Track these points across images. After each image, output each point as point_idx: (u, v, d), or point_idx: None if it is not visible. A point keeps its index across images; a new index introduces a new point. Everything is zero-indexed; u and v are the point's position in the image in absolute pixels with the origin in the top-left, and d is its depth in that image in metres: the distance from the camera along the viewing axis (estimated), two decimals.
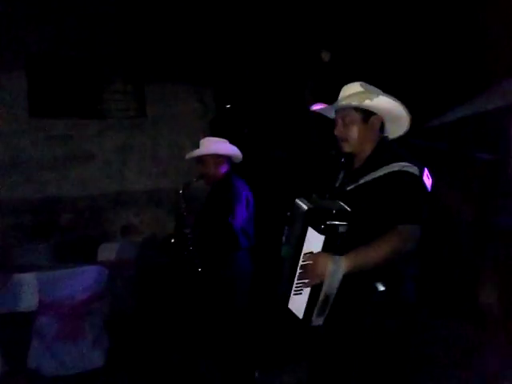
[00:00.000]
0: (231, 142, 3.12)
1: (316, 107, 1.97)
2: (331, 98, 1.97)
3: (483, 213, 4.04)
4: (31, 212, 5.40)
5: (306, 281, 1.68)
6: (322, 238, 1.63)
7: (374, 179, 1.75)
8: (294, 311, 1.77)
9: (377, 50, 4.10)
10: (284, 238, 1.90)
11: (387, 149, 1.85)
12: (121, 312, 4.33)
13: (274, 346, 3.56)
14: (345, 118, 1.86)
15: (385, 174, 1.72)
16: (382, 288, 1.71)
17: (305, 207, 1.72)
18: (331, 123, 1.98)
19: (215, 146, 2.98)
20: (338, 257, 1.62)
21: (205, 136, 3.37)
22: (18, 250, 4.57)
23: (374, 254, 1.62)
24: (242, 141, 4.32)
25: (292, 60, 4.70)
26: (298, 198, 1.82)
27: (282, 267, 1.87)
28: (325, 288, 1.62)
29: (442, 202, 3.93)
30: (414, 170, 1.72)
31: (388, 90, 1.91)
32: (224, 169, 2.95)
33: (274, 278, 1.93)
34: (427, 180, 1.77)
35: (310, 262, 1.66)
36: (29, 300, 3.60)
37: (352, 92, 1.86)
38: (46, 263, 4.38)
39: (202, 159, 2.95)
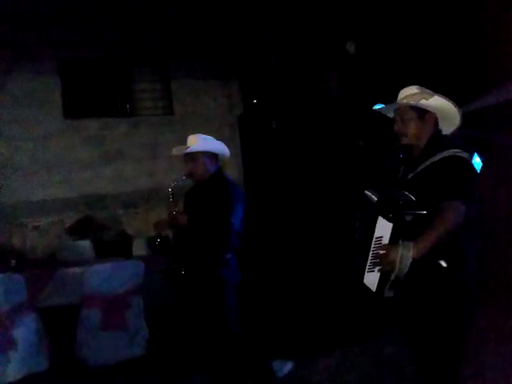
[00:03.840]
0: (260, 137, 3.06)
1: (377, 107, 2.29)
2: (356, 89, 2.12)
3: None
4: (70, 210, 5.66)
5: (378, 267, 1.91)
6: (390, 225, 1.86)
7: (429, 165, 2.00)
8: (368, 285, 2.04)
9: (400, 42, 4.06)
10: (357, 223, 2.18)
11: (440, 139, 2.09)
12: (157, 304, 4.50)
13: (307, 336, 3.64)
14: (403, 115, 2.11)
15: (438, 160, 1.98)
16: (444, 265, 1.91)
17: (375, 198, 2.01)
18: (358, 116, 2.18)
19: (205, 143, 2.86)
20: (407, 243, 1.82)
21: (232, 132, 3.37)
22: (60, 246, 4.80)
23: (433, 237, 1.83)
24: (271, 135, 4.39)
25: (317, 52, 4.71)
26: (366, 189, 2.11)
27: (355, 248, 2.15)
28: (395, 272, 1.83)
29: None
30: (463, 154, 1.96)
31: (412, 80, 2.15)
32: (213, 167, 2.87)
33: (348, 257, 2.22)
34: (477, 162, 1.94)
35: (383, 251, 1.87)
36: (74, 293, 3.81)
37: (409, 93, 2.13)
38: (86, 259, 4.58)
39: (192, 157, 2.82)
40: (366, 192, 2.10)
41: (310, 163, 4.32)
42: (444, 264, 1.92)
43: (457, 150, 1.96)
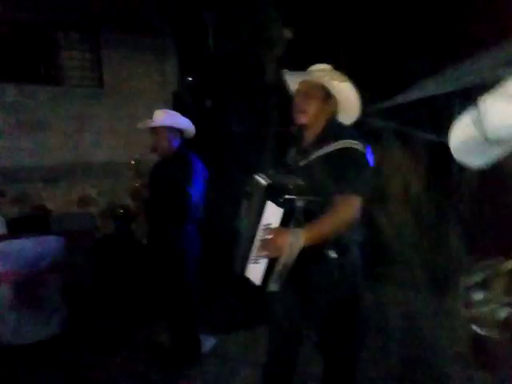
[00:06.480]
0: (193, 115, 3.14)
1: (287, 71, 2.03)
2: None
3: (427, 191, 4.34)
4: None
5: (265, 253, 1.76)
6: (280, 211, 1.70)
7: (324, 154, 1.86)
8: (251, 279, 1.87)
9: (336, 29, 4.19)
10: (242, 212, 1.98)
11: (336, 127, 1.97)
12: (78, 282, 4.32)
13: (228, 312, 3.69)
14: (308, 91, 1.94)
15: (334, 150, 1.84)
16: (333, 255, 1.85)
17: (264, 182, 1.80)
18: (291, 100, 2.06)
19: (169, 118, 2.95)
20: (297, 229, 1.70)
21: (166, 108, 3.33)
22: None
23: (326, 226, 1.74)
24: (204, 114, 4.35)
25: (255, 35, 4.72)
26: (255, 174, 1.90)
27: (239, 239, 1.96)
28: (283, 259, 1.71)
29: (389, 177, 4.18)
30: (360, 147, 1.86)
31: (345, 70, 2.03)
32: (177, 143, 2.95)
33: (230, 248, 1.99)
34: (370, 156, 1.93)
35: (270, 235, 1.72)
36: None
37: (322, 69, 1.99)
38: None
39: (155, 131, 2.92)
40: (256, 176, 1.88)
41: (240, 146, 4.35)
42: (333, 254, 1.85)
43: (353, 142, 1.84)
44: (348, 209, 1.77)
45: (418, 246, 4.28)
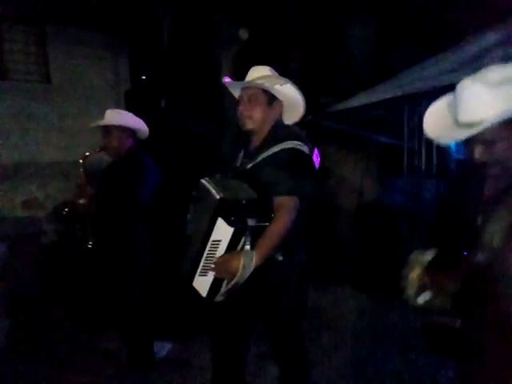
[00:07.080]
0: (147, 115, 3.06)
1: (228, 80, 2.05)
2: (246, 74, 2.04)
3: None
4: None
5: (216, 274, 1.74)
6: (231, 230, 1.67)
7: (269, 156, 1.86)
8: (197, 289, 1.83)
9: (291, 31, 4.22)
10: (189, 217, 1.94)
11: (282, 129, 1.98)
12: (22, 291, 4.07)
13: (184, 318, 3.62)
14: (251, 97, 1.95)
15: (278, 151, 1.85)
16: (280, 258, 1.86)
17: (216, 195, 1.71)
18: None
19: (121, 117, 2.88)
20: (249, 251, 1.69)
21: (118, 108, 3.24)
22: None
23: (273, 239, 1.74)
24: (158, 114, 4.24)
25: (211, 35, 4.67)
26: (202, 178, 1.85)
27: (187, 245, 1.90)
28: (236, 279, 1.69)
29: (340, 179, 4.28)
30: (304, 148, 1.87)
31: (298, 74, 2.04)
32: (129, 143, 2.87)
33: (178, 255, 1.94)
34: (316, 159, 1.96)
35: (223, 259, 1.71)
36: None
37: (262, 74, 1.98)
38: None
39: (107, 131, 2.84)
40: (204, 183, 1.82)
41: (197, 145, 4.28)
42: (280, 257, 1.86)
43: (296, 142, 1.84)
44: (286, 212, 1.76)
45: (370, 247, 4.41)
